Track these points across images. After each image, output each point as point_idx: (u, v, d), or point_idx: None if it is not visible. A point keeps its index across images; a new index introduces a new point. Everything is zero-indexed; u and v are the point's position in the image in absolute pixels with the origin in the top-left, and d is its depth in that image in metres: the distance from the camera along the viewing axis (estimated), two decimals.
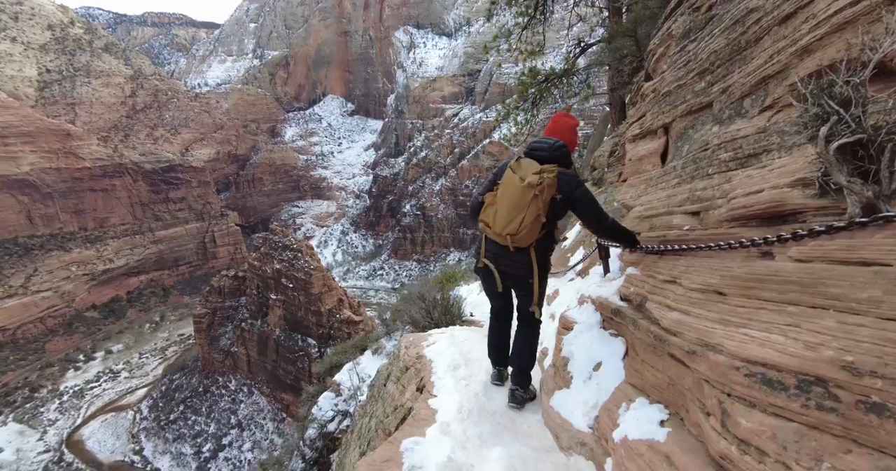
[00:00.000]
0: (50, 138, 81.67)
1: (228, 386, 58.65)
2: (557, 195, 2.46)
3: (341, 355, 10.33)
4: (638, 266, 2.35)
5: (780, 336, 1.21)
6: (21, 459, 53.00)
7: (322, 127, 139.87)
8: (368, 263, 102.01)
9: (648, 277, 2.09)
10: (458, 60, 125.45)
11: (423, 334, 4.59)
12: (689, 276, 1.74)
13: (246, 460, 48.68)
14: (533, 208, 2.43)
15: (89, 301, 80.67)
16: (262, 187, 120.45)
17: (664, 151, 2.55)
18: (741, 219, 1.61)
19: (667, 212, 2.14)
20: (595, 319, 2.60)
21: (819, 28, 1.38)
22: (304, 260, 53.52)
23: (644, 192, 2.57)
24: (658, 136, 2.60)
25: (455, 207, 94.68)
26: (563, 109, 3.12)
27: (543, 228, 2.56)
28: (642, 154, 2.74)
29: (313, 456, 7.71)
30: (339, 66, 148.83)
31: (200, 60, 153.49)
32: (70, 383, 66.98)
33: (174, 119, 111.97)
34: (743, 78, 1.72)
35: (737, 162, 1.69)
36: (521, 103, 10.22)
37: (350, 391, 8.80)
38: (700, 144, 1.97)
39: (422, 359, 3.85)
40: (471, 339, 4.13)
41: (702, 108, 2.04)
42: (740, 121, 1.72)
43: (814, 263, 1.24)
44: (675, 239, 2.01)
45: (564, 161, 2.57)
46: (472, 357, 3.66)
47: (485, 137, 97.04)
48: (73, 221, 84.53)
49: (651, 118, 2.65)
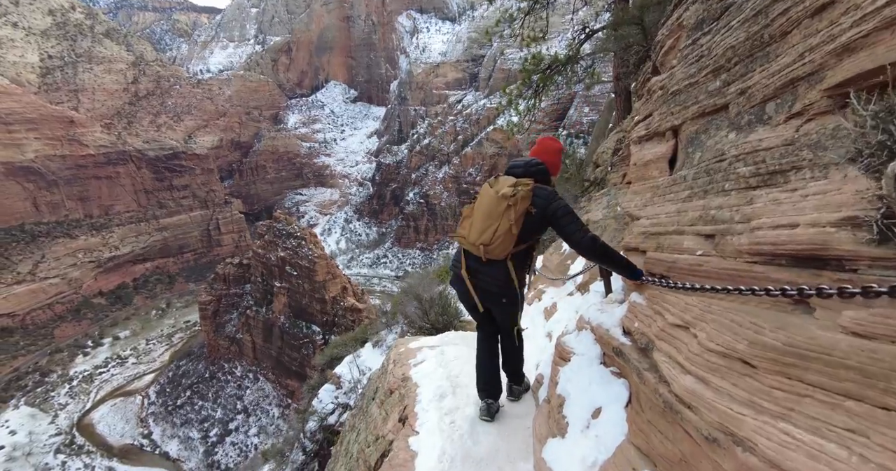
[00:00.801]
0: (54, 125, 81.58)
1: (234, 372, 59.42)
2: (532, 209, 2.49)
3: (342, 348, 10.32)
4: (643, 293, 2.13)
5: (838, 448, 0.91)
6: (33, 441, 54.20)
7: (325, 114, 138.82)
8: (372, 251, 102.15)
9: (656, 314, 1.85)
10: (462, 46, 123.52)
11: (412, 348, 4.27)
12: (705, 326, 1.46)
13: (252, 445, 49.54)
14: (506, 220, 2.47)
15: (96, 288, 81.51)
16: (266, 175, 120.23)
17: (673, 156, 2.29)
18: (767, 255, 1.31)
19: (676, 231, 1.88)
20: (595, 351, 2.37)
21: (865, 22, 1.11)
22: (308, 248, 53.59)
23: (650, 201, 2.32)
24: (666, 139, 2.34)
25: (458, 195, 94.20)
26: (549, 135, 3.10)
27: (520, 243, 2.56)
28: (649, 159, 2.48)
29: (314, 448, 7.73)
30: (341, 52, 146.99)
31: (202, 46, 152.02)
32: (79, 369, 68.12)
33: (177, 106, 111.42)
34: (766, 78, 1.46)
35: (759, 179, 1.42)
36: (524, 91, 9.93)
37: (350, 384, 8.78)
38: (714, 153, 1.73)
39: (407, 382, 3.57)
40: (462, 357, 3.83)
41: (716, 110, 1.81)
42: (762, 129, 1.47)
43: (881, 343, 0.91)
44: (686, 268, 1.74)
45: (542, 178, 2.65)
46: (461, 382, 3.40)
47: (488, 123, 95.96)
48: (79, 209, 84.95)
49: (659, 119, 2.39)
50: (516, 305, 2.75)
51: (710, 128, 1.87)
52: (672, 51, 2.66)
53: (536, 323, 4.64)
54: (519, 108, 10.10)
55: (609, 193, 4.89)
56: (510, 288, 2.64)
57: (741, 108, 1.62)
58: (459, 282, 2.77)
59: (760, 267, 1.35)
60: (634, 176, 2.68)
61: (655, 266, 2.04)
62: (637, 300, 2.10)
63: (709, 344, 1.40)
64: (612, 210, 4.47)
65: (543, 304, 5.00)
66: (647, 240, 2.17)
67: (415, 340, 4.69)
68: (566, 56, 9.46)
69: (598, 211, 4.91)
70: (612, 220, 4.33)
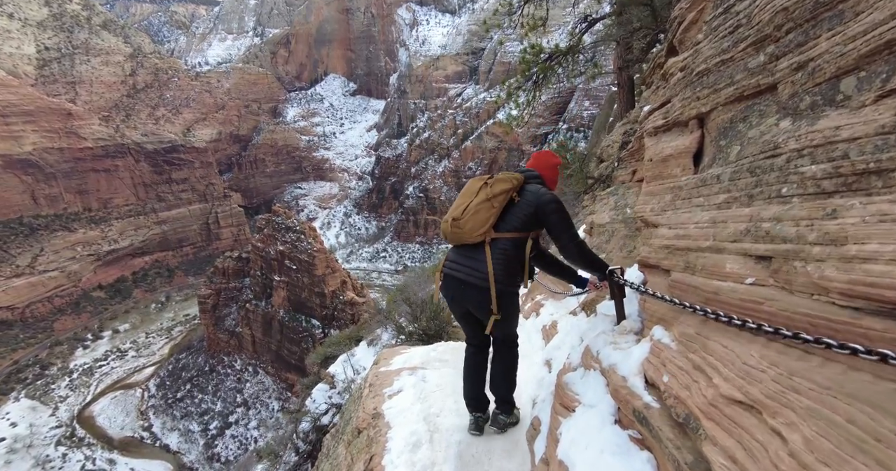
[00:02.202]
0: (51, 118, 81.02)
1: (234, 366, 59.48)
2: (516, 196, 2.40)
3: (336, 346, 10.14)
4: (671, 328, 1.67)
5: None
6: (34, 434, 54.37)
7: (324, 107, 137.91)
8: (371, 246, 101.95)
9: (695, 370, 1.38)
10: (462, 38, 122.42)
11: (392, 370, 3.74)
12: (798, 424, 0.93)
13: (252, 438, 49.68)
14: (482, 195, 2.37)
15: (95, 281, 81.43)
16: (265, 168, 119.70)
17: (698, 150, 1.93)
18: (881, 301, 0.86)
19: (713, 247, 1.46)
20: (608, 404, 1.86)
21: None
22: (308, 242, 53.38)
23: (671, 205, 1.94)
24: (690, 130, 1.99)
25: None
26: (546, 150, 2.97)
27: (505, 229, 2.38)
28: (668, 153, 2.11)
29: (307, 449, 7.56)
30: (340, 45, 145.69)
31: (200, 38, 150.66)
32: (79, 361, 68.21)
33: (175, 99, 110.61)
34: (840, 45, 1.10)
35: (838, 181, 1.04)
36: (524, 83, 9.65)
37: (344, 384, 8.61)
38: (761, 146, 1.35)
39: (378, 420, 3.05)
40: (445, 387, 3.31)
41: (759, 92, 1.45)
42: (836, 113, 1.11)
43: None
44: (736, 304, 1.29)
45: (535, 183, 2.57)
46: (441, 426, 2.85)
47: (488, 117, 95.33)
48: (77, 202, 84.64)
49: (680, 106, 2.02)
50: (506, 308, 2.43)
51: (751, 115, 1.52)
52: (694, 25, 2.32)
53: (533, 343, 4.04)
54: (519, 100, 9.84)
55: (616, 192, 4.33)
56: (498, 282, 2.34)
57: (798, 87, 1.26)
58: (444, 284, 2.56)
59: (865, 318, 0.89)
60: (649, 174, 2.33)
61: (687, 294, 1.59)
62: (664, 339, 1.67)
63: (797, 442, 0.90)
64: (621, 212, 3.94)
65: (542, 320, 4.31)
66: (672, 256, 1.77)
67: (400, 354, 4.20)
68: (567, 46, 9.20)
69: (604, 212, 4.30)
70: (620, 224, 3.80)
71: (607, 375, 1.91)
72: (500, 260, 2.36)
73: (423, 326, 7.03)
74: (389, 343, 8.16)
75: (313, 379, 10.12)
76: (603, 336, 2.17)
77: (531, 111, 10.66)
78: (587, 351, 2.23)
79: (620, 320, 2.28)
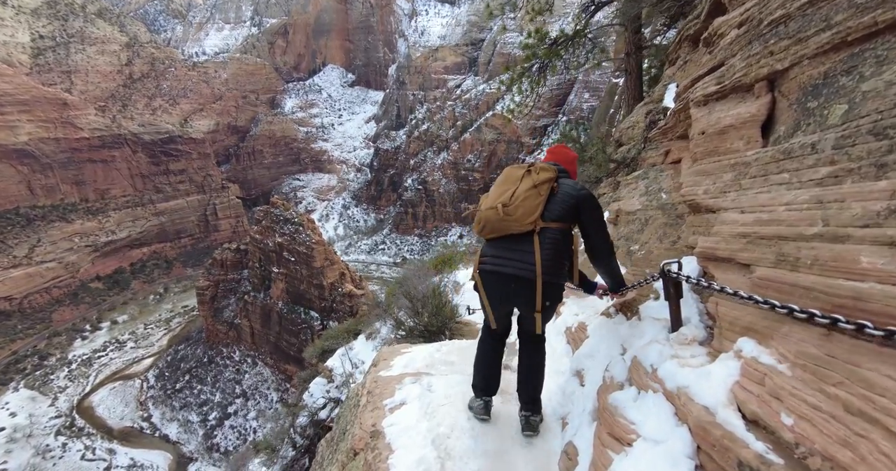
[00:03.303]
0: (46, 107, 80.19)
1: (233, 357, 59.56)
2: (556, 186, 2.31)
3: (334, 340, 9.98)
4: (768, 343, 1.33)
5: None
6: (34, 423, 54.51)
7: (322, 98, 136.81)
8: (370, 238, 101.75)
9: (855, 417, 0.98)
10: (462, 29, 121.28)
11: (393, 376, 3.31)
12: None
13: (251, 428, 49.88)
14: (527, 182, 2.28)
15: (93, 272, 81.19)
16: (263, 160, 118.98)
17: (768, 117, 1.64)
18: None
19: (828, 235, 1.16)
20: (680, 440, 1.43)
21: None
22: (306, 234, 53.19)
23: (733, 184, 1.68)
24: (756, 94, 1.69)
25: (457, 182, 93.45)
26: (561, 143, 2.81)
27: (550, 219, 2.25)
28: (726, 124, 1.83)
29: (304, 444, 7.43)
30: (339, 35, 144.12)
31: (197, 28, 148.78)
32: (78, 352, 68.23)
33: (172, 89, 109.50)
34: None
35: None
36: (528, 69, 9.42)
37: (342, 378, 8.45)
38: (890, 101, 1.09)
39: (378, 440, 2.63)
40: (455, 398, 2.88)
41: (873, 33, 1.17)
42: None
43: None
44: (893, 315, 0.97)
45: None
46: (454, 451, 2.42)
47: (488, 109, 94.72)
48: (74, 193, 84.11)
49: (742, 66, 1.75)
50: (553, 301, 2.29)
51: (862, 64, 1.22)
52: None
53: (555, 348, 3.49)
54: (522, 87, 9.61)
55: (647, 175, 3.87)
56: (549, 273, 2.19)
57: None
58: (487, 283, 2.34)
59: None
60: (700, 150, 2.05)
61: (792, 297, 1.25)
62: (761, 358, 1.29)
63: None
64: (655, 198, 3.49)
65: (564, 321, 3.72)
66: (754, 247, 1.45)
67: (401, 354, 3.81)
68: (573, 31, 8.98)
69: (633, 199, 3.82)
70: (657, 211, 3.33)
71: (676, 400, 1.53)
72: (550, 249, 2.22)
73: (426, 321, 6.80)
74: (388, 338, 7.97)
75: (311, 373, 10.00)
76: (656, 347, 1.82)
77: (535, 99, 10.45)
78: (637, 364, 1.90)
79: (676, 327, 1.92)
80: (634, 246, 3.33)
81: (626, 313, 2.62)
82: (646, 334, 2.06)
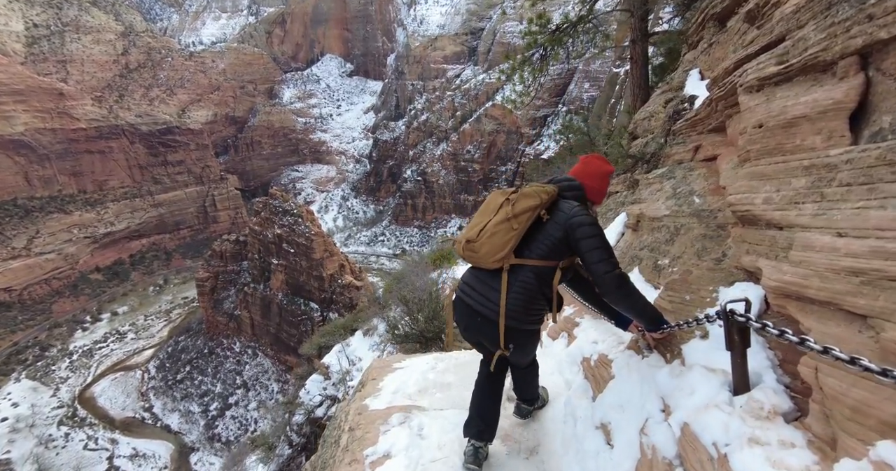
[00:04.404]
0: (42, 97, 79.50)
1: (233, 348, 59.83)
2: (545, 214, 1.98)
3: (330, 336, 9.95)
4: None
5: None
6: (36, 413, 54.95)
7: (320, 88, 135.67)
8: (370, 229, 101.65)
9: None
10: (461, 18, 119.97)
11: (377, 412, 2.85)
12: None
13: (252, 419, 50.28)
14: (501, 214, 1.97)
15: (92, 264, 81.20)
16: (261, 151, 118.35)
17: (860, 103, 1.27)
18: None
19: None
20: None
21: None
22: (305, 225, 53.14)
23: (811, 193, 1.31)
24: (836, 74, 1.34)
25: (456, 173, 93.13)
26: (597, 154, 2.44)
27: (528, 256, 1.98)
28: (796, 114, 1.45)
29: (301, 442, 7.43)
30: (337, 25, 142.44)
31: (194, 17, 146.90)
32: (79, 343, 68.53)
33: (169, 79, 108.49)
34: None
35: None
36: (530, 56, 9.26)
37: (339, 375, 8.43)
38: None
39: None
40: (451, 448, 2.44)
41: None
42: None
43: None
44: None
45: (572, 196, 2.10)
46: None
47: (487, 99, 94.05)
48: (72, 184, 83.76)
49: (819, 39, 1.39)
50: (521, 345, 2.10)
51: None
52: None
53: (567, 379, 2.98)
54: (524, 75, 9.47)
55: (672, 174, 3.31)
56: (512, 318, 1.98)
57: None
58: (455, 309, 2.20)
59: None
60: (756, 147, 1.68)
61: None
62: None
63: None
64: (685, 201, 2.92)
65: (580, 348, 3.01)
66: (876, 291, 1.03)
67: (392, 371, 3.44)
68: (577, 16, 8.83)
69: (657, 202, 3.25)
70: (690, 219, 2.76)
71: None
72: (519, 292, 1.98)
73: (422, 326, 6.66)
74: (385, 336, 7.78)
75: (307, 369, 10.00)
76: (718, 416, 1.37)
77: (537, 87, 10.32)
78: (691, 439, 1.45)
79: (743, 388, 1.42)
80: (663, 259, 2.84)
81: (663, 353, 2.09)
82: (697, 391, 1.58)
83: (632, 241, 3.60)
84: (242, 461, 10.99)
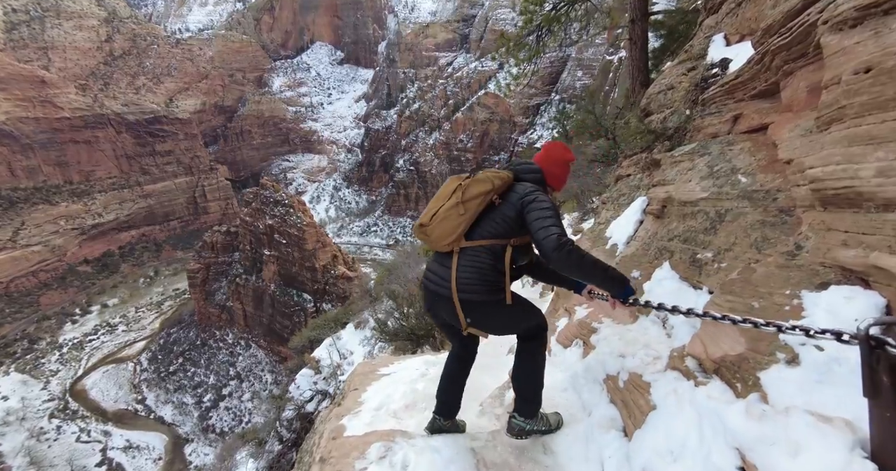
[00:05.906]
0: (24, 85, 77.55)
1: (226, 339, 59.54)
2: (497, 199, 2.05)
3: (321, 330, 9.79)
4: None
5: None
6: (27, 407, 54.51)
7: (311, 77, 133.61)
8: (362, 220, 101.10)
9: None
10: (452, 4, 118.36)
11: (354, 439, 2.39)
12: None
13: (246, 410, 50.26)
14: (453, 199, 2.04)
15: (81, 256, 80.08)
16: (251, 140, 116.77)
17: None
18: None
19: None
20: None
21: None
22: (297, 216, 52.62)
23: None
24: None
25: (449, 162, 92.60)
26: (560, 142, 2.40)
27: (481, 235, 2.02)
28: None
29: (291, 438, 7.25)
30: (327, 11, 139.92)
31: (179, 3, 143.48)
32: (68, 336, 67.82)
33: (156, 67, 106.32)
34: None
35: None
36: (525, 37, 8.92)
37: (330, 369, 8.25)
38: None
39: None
40: None
41: None
42: None
43: None
44: None
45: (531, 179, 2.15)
46: None
47: (480, 87, 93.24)
48: (58, 174, 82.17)
49: None
50: (476, 316, 2.04)
51: None
52: None
53: (587, 404, 2.40)
54: (519, 57, 9.15)
55: (706, 149, 2.80)
56: (465, 291, 1.99)
57: None
58: (422, 293, 2.30)
59: None
60: (859, 101, 1.27)
61: None
62: None
63: None
64: (729, 181, 2.43)
65: (600, 361, 2.54)
66: None
67: (377, 379, 3.13)
68: None
69: (690, 182, 2.74)
70: (740, 201, 2.29)
71: None
72: (470, 267, 2.01)
73: (412, 324, 6.46)
74: (374, 334, 7.50)
75: (297, 363, 9.83)
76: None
77: (534, 70, 10.01)
78: None
79: (888, 454, 0.96)
80: (704, 252, 2.35)
81: (731, 383, 1.54)
82: (804, 449, 1.08)
83: (656, 230, 3.10)
84: (233, 456, 10.86)
